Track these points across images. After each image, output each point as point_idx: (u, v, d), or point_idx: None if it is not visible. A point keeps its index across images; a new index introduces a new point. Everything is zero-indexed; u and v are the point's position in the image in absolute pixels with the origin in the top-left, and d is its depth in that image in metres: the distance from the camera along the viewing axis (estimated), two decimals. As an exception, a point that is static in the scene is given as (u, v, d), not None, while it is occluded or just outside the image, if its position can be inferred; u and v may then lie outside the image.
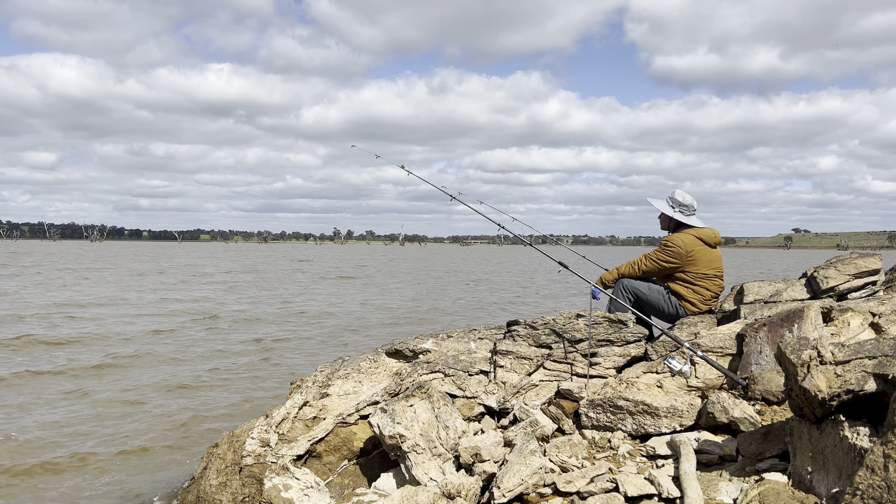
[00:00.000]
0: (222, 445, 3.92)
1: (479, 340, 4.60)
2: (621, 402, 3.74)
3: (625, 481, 3.09)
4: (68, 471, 5.22)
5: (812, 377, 2.66)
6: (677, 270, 5.01)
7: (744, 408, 3.53)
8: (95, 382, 8.18)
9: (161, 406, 7.13)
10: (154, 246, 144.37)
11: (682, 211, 5.17)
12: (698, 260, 5.01)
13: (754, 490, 2.81)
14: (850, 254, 5.13)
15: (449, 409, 3.74)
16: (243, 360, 9.91)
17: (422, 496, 3.18)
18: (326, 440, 3.97)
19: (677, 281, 5.04)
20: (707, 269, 5.03)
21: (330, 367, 4.55)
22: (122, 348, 10.65)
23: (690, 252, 4.99)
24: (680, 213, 5.16)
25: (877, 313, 4.31)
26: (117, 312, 15.58)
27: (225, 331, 12.96)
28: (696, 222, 5.17)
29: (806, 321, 3.99)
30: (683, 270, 5.01)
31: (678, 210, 5.18)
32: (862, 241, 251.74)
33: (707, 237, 5.10)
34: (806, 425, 2.82)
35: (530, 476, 3.17)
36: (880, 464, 2.21)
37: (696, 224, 5.16)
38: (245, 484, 3.64)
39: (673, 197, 5.21)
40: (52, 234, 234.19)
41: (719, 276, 5.15)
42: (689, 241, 5.03)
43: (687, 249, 4.99)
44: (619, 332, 4.35)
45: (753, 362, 3.93)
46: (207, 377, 8.63)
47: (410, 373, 4.20)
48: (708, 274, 5.04)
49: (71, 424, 6.41)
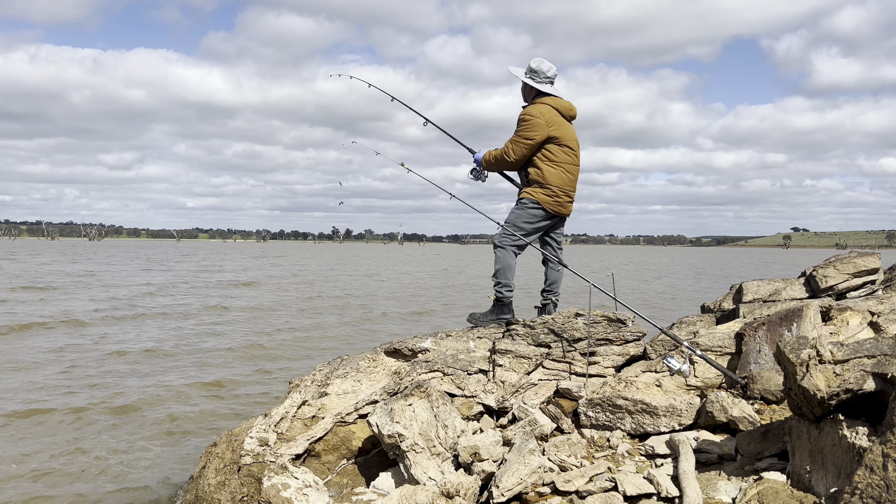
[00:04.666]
0: (221, 445, 3.92)
1: (478, 339, 4.60)
2: (620, 402, 3.74)
3: (624, 480, 3.09)
4: (67, 470, 5.22)
5: (811, 376, 2.66)
6: (543, 144, 4.72)
7: (743, 407, 3.53)
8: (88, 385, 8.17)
9: (160, 405, 7.12)
10: (146, 244, 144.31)
11: (533, 77, 4.84)
12: (559, 129, 4.72)
13: (753, 489, 2.81)
14: (848, 253, 5.14)
15: (448, 409, 3.74)
16: (243, 359, 9.91)
17: (420, 495, 3.18)
18: (325, 439, 3.97)
19: (540, 157, 4.74)
20: (569, 143, 4.77)
21: (329, 366, 4.55)
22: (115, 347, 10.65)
23: (551, 122, 4.69)
24: (531, 80, 4.83)
25: (875, 312, 4.32)
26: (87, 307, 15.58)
27: (225, 331, 12.96)
28: (553, 91, 4.85)
29: (805, 320, 4.00)
30: (547, 146, 4.72)
31: (528, 76, 4.86)
32: (861, 240, 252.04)
33: (563, 108, 4.79)
34: (805, 424, 2.82)
35: (529, 475, 3.17)
36: (879, 463, 2.21)
37: (554, 92, 4.85)
38: (243, 483, 3.64)
39: (529, 65, 4.88)
40: (51, 233, 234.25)
41: (575, 161, 4.84)
42: (546, 110, 4.70)
43: (546, 118, 4.68)
44: (617, 331, 4.35)
45: (752, 361, 3.93)
46: (205, 376, 8.62)
47: (409, 372, 4.20)
48: (570, 149, 4.77)
49: (63, 423, 6.41)
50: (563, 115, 4.79)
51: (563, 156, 4.76)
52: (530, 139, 4.70)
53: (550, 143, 4.74)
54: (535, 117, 4.68)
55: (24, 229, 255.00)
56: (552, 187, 4.75)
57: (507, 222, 4.82)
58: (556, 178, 4.75)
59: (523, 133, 4.72)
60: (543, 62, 4.84)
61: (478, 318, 5.01)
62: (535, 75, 4.85)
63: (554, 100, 4.80)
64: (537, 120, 4.67)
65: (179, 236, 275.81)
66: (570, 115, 4.84)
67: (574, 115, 4.87)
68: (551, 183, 4.74)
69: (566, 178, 4.78)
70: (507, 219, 4.85)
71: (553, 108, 4.75)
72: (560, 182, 4.76)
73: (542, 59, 4.87)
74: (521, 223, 4.79)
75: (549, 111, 4.72)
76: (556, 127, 4.71)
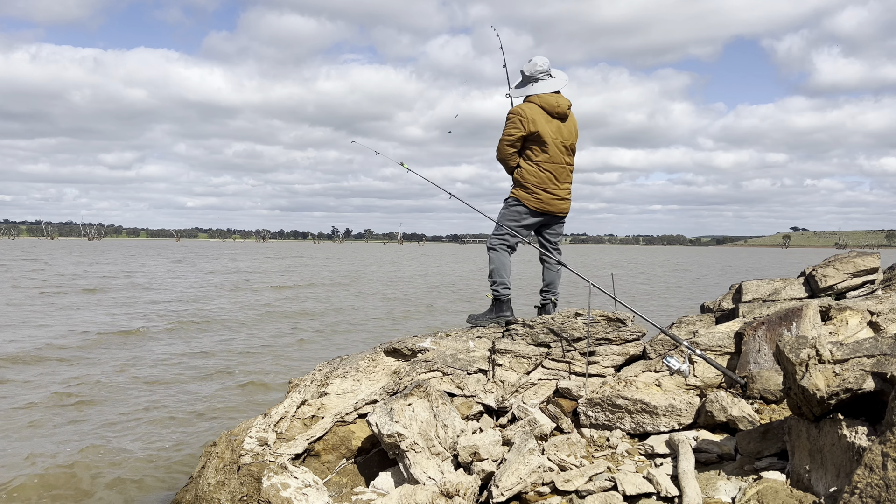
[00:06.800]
0: (220, 444, 3.92)
1: (478, 339, 4.60)
2: (620, 401, 3.74)
3: (623, 480, 3.09)
4: (63, 470, 5.22)
5: (810, 376, 2.67)
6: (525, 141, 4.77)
7: (742, 406, 3.53)
8: (89, 382, 8.17)
9: (159, 405, 7.12)
10: (146, 244, 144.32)
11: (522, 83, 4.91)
12: (539, 128, 4.74)
13: (753, 489, 2.81)
14: (848, 252, 5.14)
15: (447, 408, 3.74)
16: (241, 358, 9.90)
17: (420, 495, 3.18)
18: (325, 439, 3.97)
19: (524, 157, 4.82)
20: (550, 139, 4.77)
21: (328, 365, 4.55)
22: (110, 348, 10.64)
23: (531, 120, 4.72)
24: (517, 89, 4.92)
25: (875, 312, 4.32)
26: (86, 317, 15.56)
27: (222, 329, 12.95)
28: (539, 88, 4.85)
29: (804, 320, 4.00)
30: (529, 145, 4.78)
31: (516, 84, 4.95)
32: (860, 239, 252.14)
33: (549, 105, 4.79)
34: (804, 424, 2.82)
35: (529, 475, 3.17)
36: (878, 462, 2.21)
37: (540, 90, 4.85)
38: (243, 483, 3.64)
39: (521, 70, 4.94)
40: (51, 233, 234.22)
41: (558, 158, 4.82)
42: (528, 108, 4.75)
43: (528, 115, 4.73)
44: (617, 330, 4.35)
45: (752, 361, 3.93)
46: (206, 376, 8.62)
47: (409, 371, 4.20)
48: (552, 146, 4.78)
49: (63, 423, 6.40)
50: (550, 113, 4.80)
51: (542, 154, 4.81)
52: (509, 136, 4.82)
53: (531, 142, 4.81)
54: (515, 115, 4.80)
55: (24, 229, 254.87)
56: (529, 185, 4.83)
57: (496, 222, 4.94)
58: (533, 176, 4.82)
59: (504, 130, 4.87)
60: (534, 60, 4.87)
61: (477, 319, 5.02)
62: (526, 78, 4.91)
63: (540, 98, 4.82)
64: (515, 118, 4.79)
65: (179, 236, 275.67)
66: (556, 113, 4.82)
67: (561, 112, 4.83)
68: (528, 181, 4.83)
69: (544, 176, 4.82)
70: (497, 218, 4.97)
71: (539, 105, 4.79)
72: (537, 180, 4.82)
73: (535, 57, 4.91)
74: (507, 221, 4.91)
75: (531, 109, 4.77)
76: (535, 125, 4.76)
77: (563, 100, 4.85)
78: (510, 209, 4.93)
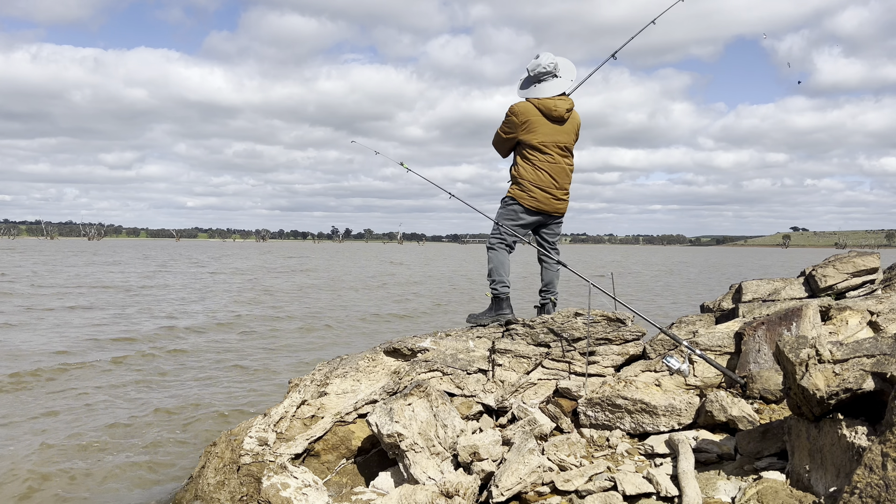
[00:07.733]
0: (220, 444, 3.92)
1: (478, 339, 4.60)
2: (619, 401, 3.74)
3: (623, 480, 3.09)
4: (64, 469, 5.22)
5: (810, 376, 2.67)
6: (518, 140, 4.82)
7: (742, 406, 3.53)
8: (89, 380, 8.17)
9: (158, 405, 7.12)
10: (147, 244, 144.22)
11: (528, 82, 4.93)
12: (533, 130, 4.76)
13: (752, 488, 2.81)
14: (848, 252, 5.13)
15: (447, 408, 3.74)
16: (241, 358, 9.90)
17: (420, 495, 3.18)
18: (324, 439, 3.97)
19: (519, 156, 4.86)
20: (546, 141, 4.77)
21: (328, 365, 4.55)
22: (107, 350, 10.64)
23: (525, 121, 4.75)
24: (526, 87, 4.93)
25: (875, 312, 4.32)
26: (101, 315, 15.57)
27: (223, 329, 12.96)
28: (540, 91, 4.85)
29: (804, 320, 4.00)
30: (522, 143, 4.82)
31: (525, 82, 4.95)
32: (860, 239, 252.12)
33: (546, 108, 4.77)
34: (804, 424, 2.82)
35: (528, 475, 3.17)
36: (878, 462, 2.21)
37: (542, 94, 4.84)
38: (243, 483, 3.64)
39: (526, 67, 4.93)
40: (51, 233, 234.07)
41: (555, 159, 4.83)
42: (526, 109, 4.77)
43: (521, 118, 4.75)
44: (617, 330, 4.35)
45: (752, 361, 3.93)
46: (205, 376, 8.62)
47: (409, 371, 4.20)
48: (546, 145, 4.78)
49: (66, 423, 6.40)
50: (547, 116, 4.79)
51: (538, 154, 4.83)
52: (503, 135, 4.93)
53: (526, 143, 4.83)
54: (512, 115, 4.84)
55: (24, 229, 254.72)
56: (525, 184, 4.86)
57: (494, 221, 4.99)
58: (530, 175, 4.84)
59: (501, 126, 4.94)
60: (538, 58, 4.85)
61: (477, 318, 5.03)
62: (528, 77, 4.93)
63: (540, 100, 4.83)
64: (511, 118, 4.83)
65: (179, 236, 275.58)
66: (552, 116, 4.79)
67: (558, 116, 4.80)
68: (524, 180, 4.86)
69: (540, 176, 4.84)
70: (494, 218, 5.01)
71: (536, 107, 4.80)
72: (533, 179, 4.83)
73: (541, 54, 4.87)
74: (504, 220, 4.94)
75: (528, 110, 4.79)
76: (530, 127, 4.78)
77: (562, 102, 4.82)
78: (507, 208, 4.96)
